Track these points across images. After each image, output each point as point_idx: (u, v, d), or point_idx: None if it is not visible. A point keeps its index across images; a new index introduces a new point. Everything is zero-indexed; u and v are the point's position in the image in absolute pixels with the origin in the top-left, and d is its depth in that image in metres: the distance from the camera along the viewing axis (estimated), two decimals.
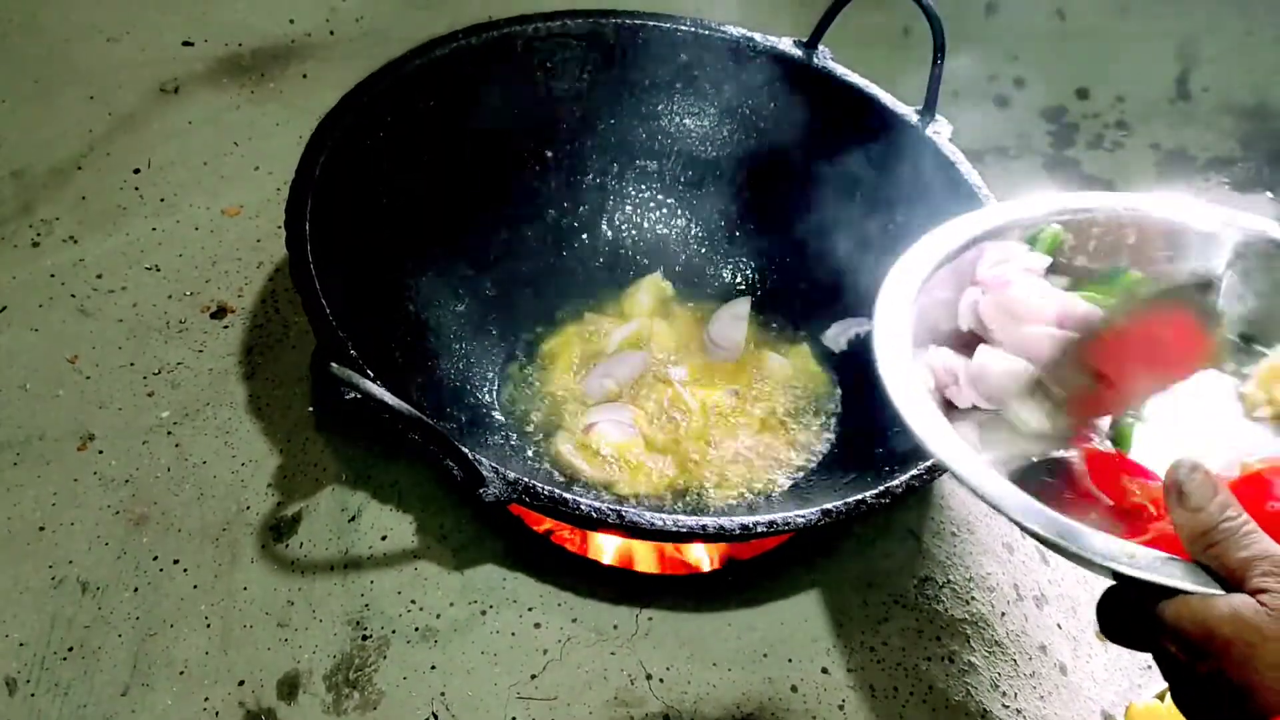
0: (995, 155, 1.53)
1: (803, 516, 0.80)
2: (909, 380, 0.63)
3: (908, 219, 1.09)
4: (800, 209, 1.17)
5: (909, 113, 1.11)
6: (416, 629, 0.89)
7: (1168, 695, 0.90)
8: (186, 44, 1.43)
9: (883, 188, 1.11)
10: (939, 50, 1.07)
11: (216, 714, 0.84)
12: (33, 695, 0.84)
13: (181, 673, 0.86)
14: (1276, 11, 1.70)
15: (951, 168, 1.07)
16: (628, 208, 1.21)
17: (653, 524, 0.79)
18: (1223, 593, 0.53)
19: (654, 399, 1.08)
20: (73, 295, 1.12)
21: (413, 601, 0.91)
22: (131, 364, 1.07)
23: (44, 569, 0.91)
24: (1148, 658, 1.02)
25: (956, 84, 1.57)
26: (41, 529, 0.93)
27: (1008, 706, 0.90)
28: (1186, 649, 0.53)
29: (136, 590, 0.90)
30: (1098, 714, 0.93)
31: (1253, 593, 0.52)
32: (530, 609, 0.91)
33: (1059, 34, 1.67)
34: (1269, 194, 1.52)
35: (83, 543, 0.93)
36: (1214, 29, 1.69)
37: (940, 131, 1.10)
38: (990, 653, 0.93)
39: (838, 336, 1.15)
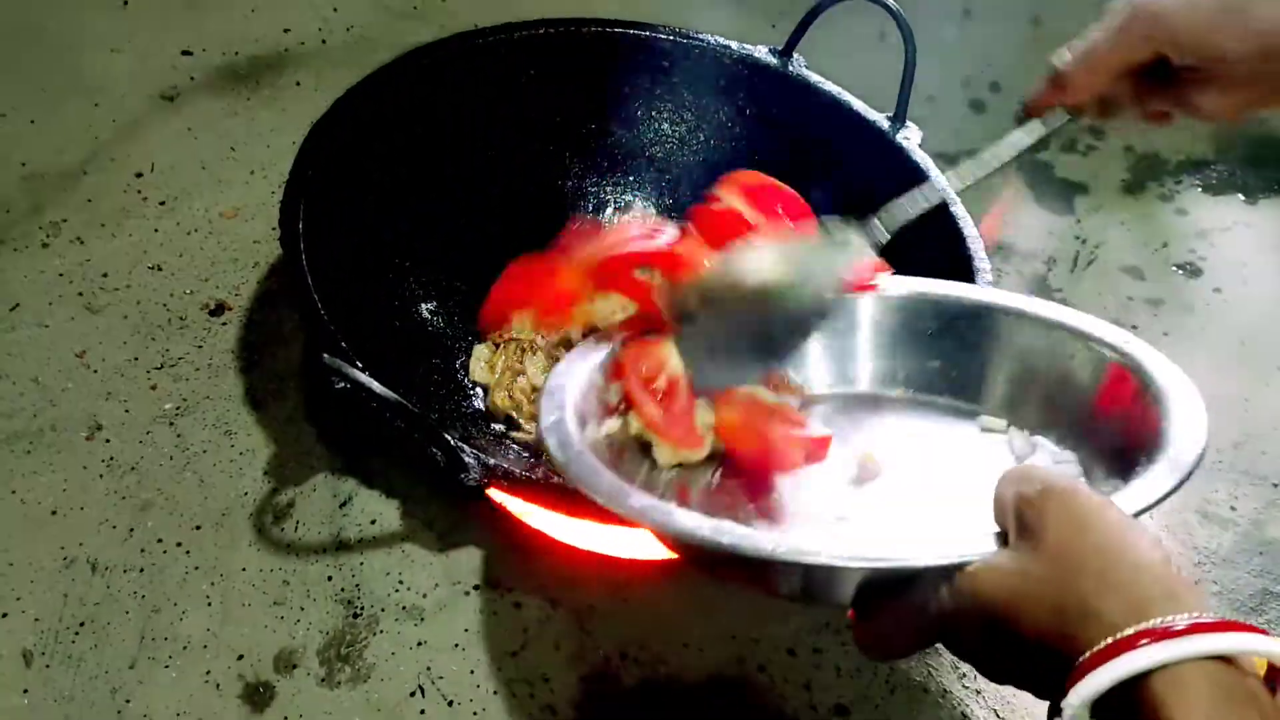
0: (969, 159, 1.56)
1: None
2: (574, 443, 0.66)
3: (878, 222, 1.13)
4: None
5: (880, 119, 1.15)
6: (404, 608, 0.94)
7: None
8: (186, 53, 1.47)
9: (854, 193, 1.14)
10: (909, 58, 1.11)
11: (218, 686, 0.88)
12: (47, 667, 0.88)
13: (185, 647, 0.90)
14: None
15: (918, 171, 1.10)
16: (608, 211, 1.26)
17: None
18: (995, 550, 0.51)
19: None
20: (80, 294, 1.17)
21: (401, 582, 0.95)
22: (136, 359, 1.11)
23: (56, 550, 0.95)
24: None
25: (932, 88, 1.61)
26: (54, 513, 0.98)
27: (968, 688, 0.94)
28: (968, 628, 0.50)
29: (142, 571, 0.95)
30: None
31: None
32: (511, 589, 0.96)
33: (1034, 39, 1.70)
34: (1241, 196, 1.55)
35: (92, 526, 0.97)
36: None
37: (910, 138, 1.14)
38: None
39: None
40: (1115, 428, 0.71)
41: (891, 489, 0.72)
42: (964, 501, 0.68)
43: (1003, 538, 0.51)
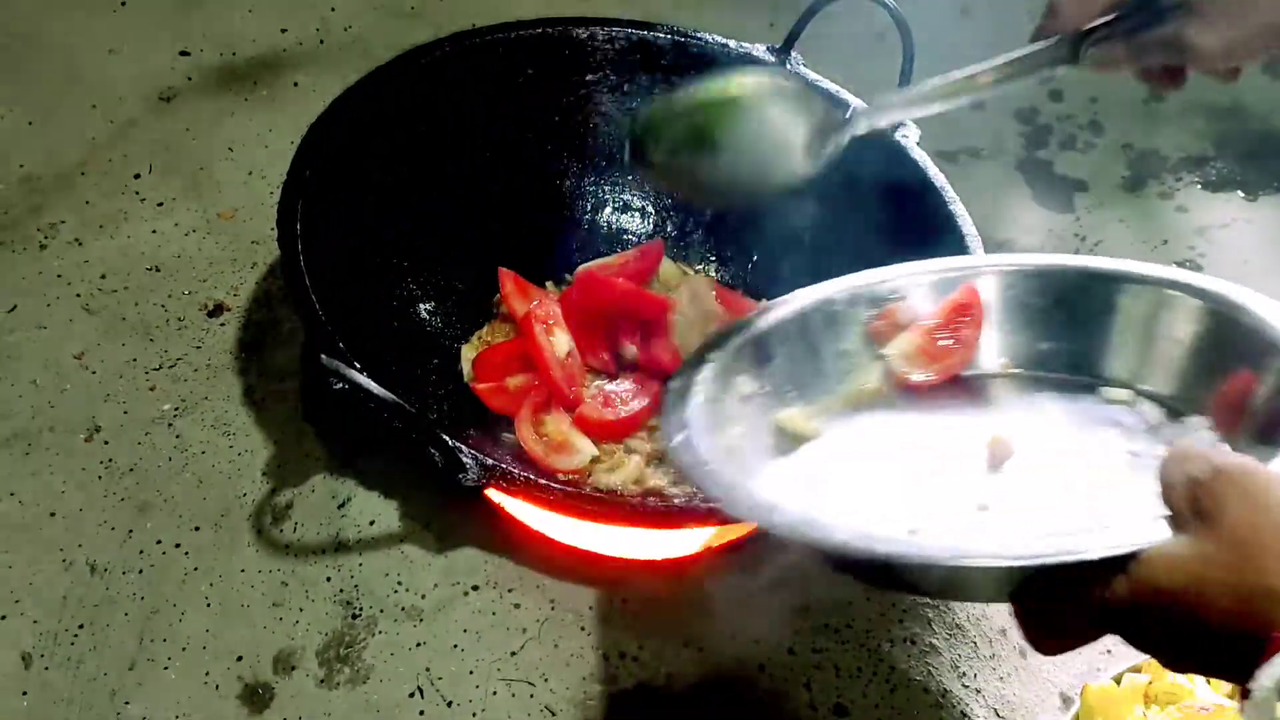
0: (968, 156, 1.57)
1: None
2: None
3: (874, 221, 1.12)
4: (771, 211, 1.20)
5: None
6: (403, 608, 0.94)
7: (1124, 677, 0.91)
8: (183, 54, 1.47)
9: (851, 190, 1.14)
10: (907, 55, 1.11)
11: (217, 687, 0.89)
12: (46, 669, 0.88)
13: (184, 649, 0.90)
14: None
15: (917, 168, 1.11)
16: (606, 210, 1.25)
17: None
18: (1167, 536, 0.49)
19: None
20: (78, 295, 1.17)
21: (399, 582, 0.95)
22: (134, 360, 1.11)
23: (55, 552, 0.96)
24: (1108, 641, 1.05)
25: None
26: (53, 515, 0.98)
27: (967, 687, 0.94)
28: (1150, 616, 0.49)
29: (141, 572, 0.95)
30: (1055, 695, 0.96)
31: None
32: (510, 590, 0.96)
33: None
34: (1240, 193, 1.55)
35: (91, 527, 0.98)
36: None
37: (908, 135, 1.14)
38: (951, 635, 0.98)
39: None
40: (1245, 387, 0.68)
41: (1027, 470, 0.69)
42: (1105, 473, 0.67)
43: (1172, 520, 0.50)
